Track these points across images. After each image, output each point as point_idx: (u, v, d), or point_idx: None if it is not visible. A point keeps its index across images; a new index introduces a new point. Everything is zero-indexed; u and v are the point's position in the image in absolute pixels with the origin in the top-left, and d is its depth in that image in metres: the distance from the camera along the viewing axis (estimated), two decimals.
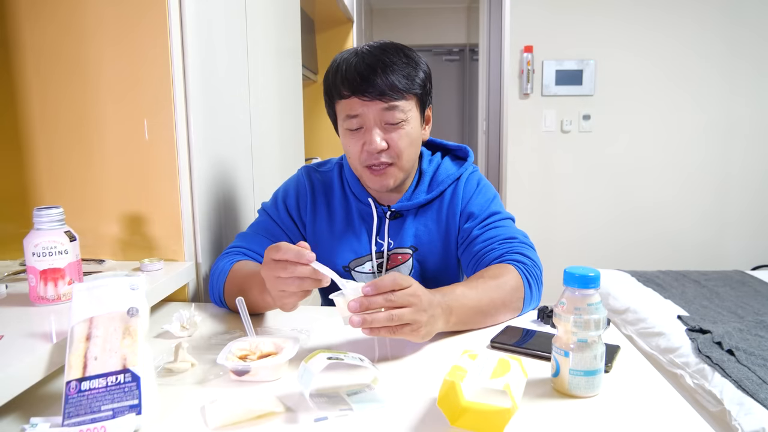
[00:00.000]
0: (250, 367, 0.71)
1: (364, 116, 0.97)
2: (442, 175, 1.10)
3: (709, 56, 3.40)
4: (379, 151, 0.98)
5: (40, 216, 0.80)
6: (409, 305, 0.74)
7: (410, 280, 0.76)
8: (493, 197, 1.11)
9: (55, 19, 1.02)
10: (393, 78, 0.95)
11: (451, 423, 0.61)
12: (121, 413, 0.59)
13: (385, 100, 0.96)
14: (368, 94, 0.95)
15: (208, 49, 1.13)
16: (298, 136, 1.91)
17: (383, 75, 0.95)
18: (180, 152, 1.04)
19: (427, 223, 1.10)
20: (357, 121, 0.98)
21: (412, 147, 1.02)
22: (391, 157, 1.00)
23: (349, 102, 0.98)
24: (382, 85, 0.95)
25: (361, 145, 0.99)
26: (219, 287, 0.99)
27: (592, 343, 0.66)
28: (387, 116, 0.97)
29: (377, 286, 0.73)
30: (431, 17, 5.55)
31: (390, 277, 0.74)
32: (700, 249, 3.55)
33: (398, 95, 0.96)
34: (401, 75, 0.96)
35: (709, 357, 1.70)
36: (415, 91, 0.99)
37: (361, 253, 1.10)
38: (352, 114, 0.98)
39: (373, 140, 0.97)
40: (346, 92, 0.97)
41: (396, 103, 0.97)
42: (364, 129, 0.99)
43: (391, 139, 0.99)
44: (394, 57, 0.97)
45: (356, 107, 0.97)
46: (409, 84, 0.97)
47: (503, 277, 0.93)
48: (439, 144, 1.17)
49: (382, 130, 0.98)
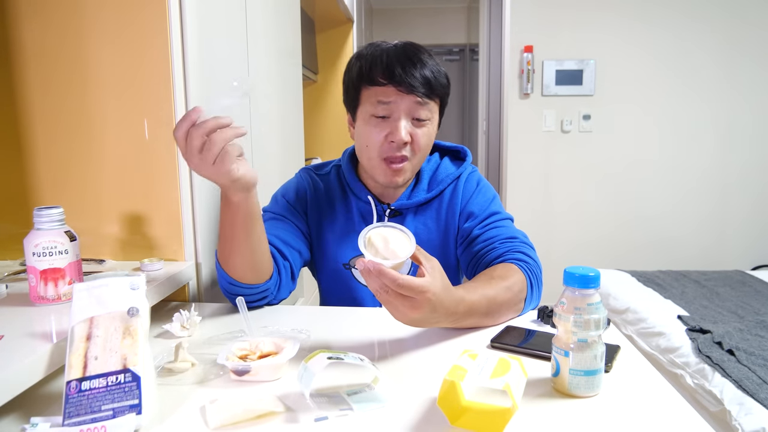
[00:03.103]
0: (251, 367, 0.71)
1: (395, 106, 0.98)
2: (441, 175, 1.11)
3: (710, 56, 3.40)
4: (403, 143, 0.99)
5: (40, 216, 0.80)
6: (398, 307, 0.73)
7: (420, 293, 0.72)
8: (493, 197, 1.11)
9: (55, 18, 1.02)
10: (430, 76, 0.98)
11: (451, 423, 0.61)
12: (122, 413, 0.59)
13: (419, 95, 0.97)
14: (405, 86, 0.97)
15: (208, 48, 1.13)
16: (298, 136, 1.91)
17: (422, 70, 0.98)
18: (180, 152, 1.03)
19: (426, 222, 1.10)
20: (386, 109, 0.98)
21: (428, 148, 1.05)
22: (410, 152, 1.01)
23: (384, 89, 0.98)
24: (421, 79, 0.97)
25: (384, 135, 1.00)
26: (219, 271, 0.95)
27: (592, 343, 0.66)
28: (417, 111, 0.99)
29: (381, 273, 0.70)
30: (431, 17, 5.55)
31: (392, 276, 0.70)
32: (700, 249, 3.55)
33: (431, 94, 0.99)
34: (433, 75, 0.99)
35: (710, 357, 1.70)
36: (440, 95, 1.02)
37: (361, 251, 1.09)
38: (385, 101, 0.98)
39: (399, 131, 0.98)
40: (383, 80, 0.98)
41: (428, 100, 0.99)
42: (391, 119, 0.99)
43: (415, 134, 1.00)
44: (430, 61, 1.00)
45: (390, 95, 0.98)
46: (440, 88, 1.01)
47: (512, 278, 0.93)
48: (437, 144, 1.17)
49: (409, 123, 1.00)
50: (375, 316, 0.97)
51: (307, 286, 1.94)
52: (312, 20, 3.04)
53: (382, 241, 0.75)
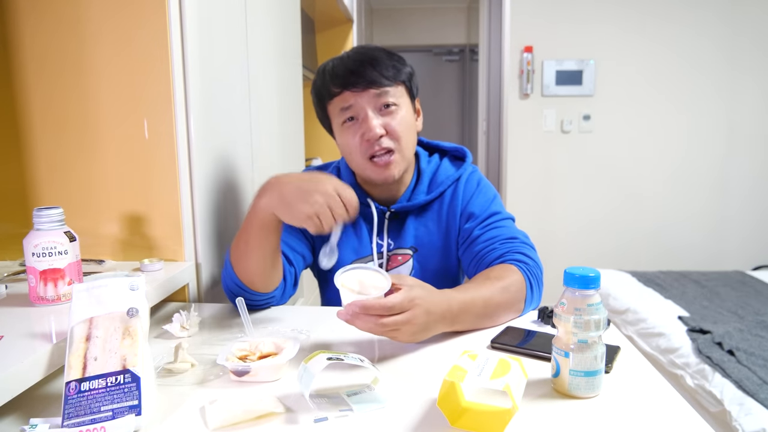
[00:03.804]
0: (250, 367, 0.70)
1: (357, 106, 1.00)
2: (441, 176, 1.11)
3: (710, 56, 3.40)
4: (378, 136, 1.00)
5: (40, 216, 0.80)
6: (399, 327, 0.75)
7: (409, 303, 0.76)
8: (494, 197, 1.11)
9: (55, 19, 1.01)
10: (380, 68, 1.00)
11: (452, 423, 0.61)
12: (121, 414, 0.59)
13: (375, 87, 1.00)
14: (359, 85, 0.99)
15: (208, 49, 1.13)
16: (298, 136, 1.91)
17: (370, 67, 1.00)
18: (180, 152, 1.03)
19: (427, 224, 1.10)
20: (351, 112, 1.01)
21: (409, 132, 1.04)
22: (391, 142, 1.01)
23: (341, 97, 1.01)
24: (370, 74, 1.00)
25: (359, 136, 1.01)
26: (227, 267, 0.97)
27: (593, 344, 0.66)
28: (380, 101, 1.01)
29: (366, 308, 0.73)
30: (431, 17, 5.55)
31: (378, 303, 0.74)
32: (700, 249, 3.55)
33: (387, 82, 1.00)
34: (387, 66, 1.01)
35: (710, 357, 1.70)
36: (402, 79, 1.03)
37: (363, 254, 1.10)
38: (346, 106, 1.01)
39: (371, 126, 0.99)
40: (336, 89, 1.01)
41: (386, 88, 1.00)
42: (360, 120, 1.01)
43: (387, 124, 1.01)
44: (378, 53, 1.03)
45: (349, 99, 1.00)
46: (395, 73, 1.02)
47: (509, 278, 0.93)
48: (436, 146, 1.17)
49: (378, 115, 1.01)
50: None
51: (307, 287, 1.93)
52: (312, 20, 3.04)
53: (358, 284, 0.78)
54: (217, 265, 1.17)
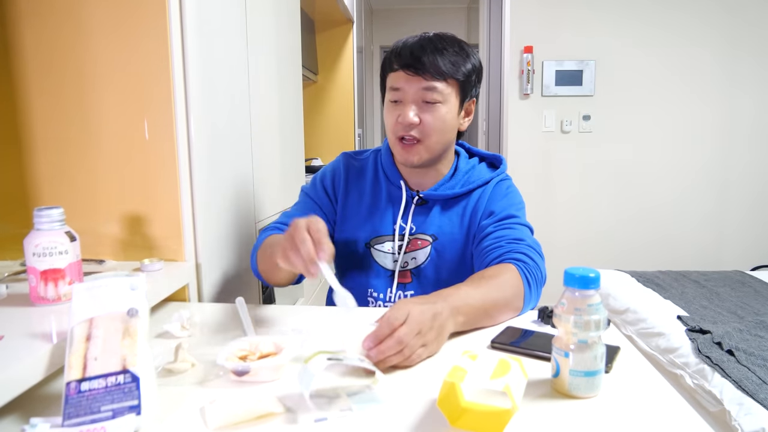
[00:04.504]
0: (250, 367, 0.71)
1: (404, 91, 1.04)
2: (474, 176, 1.16)
3: (711, 57, 3.40)
4: (410, 124, 1.04)
5: (40, 216, 0.80)
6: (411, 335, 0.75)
7: (403, 313, 0.75)
8: (518, 203, 1.14)
9: (55, 19, 1.01)
10: (439, 60, 1.02)
11: (451, 424, 0.61)
12: (121, 414, 0.59)
13: (426, 78, 1.02)
14: (412, 70, 1.02)
15: (208, 49, 1.13)
16: (298, 136, 1.91)
17: (431, 55, 1.02)
18: (180, 152, 1.04)
19: (452, 217, 1.13)
20: (398, 94, 1.05)
21: (444, 130, 1.07)
22: (420, 133, 1.05)
23: (396, 75, 1.05)
24: (427, 64, 1.01)
25: (396, 116, 1.06)
26: (253, 258, 1.08)
27: (593, 344, 0.66)
28: (425, 95, 1.03)
29: (377, 337, 0.73)
30: (431, 17, 5.55)
31: (385, 325, 0.74)
32: (699, 249, 3.55)
33: (440, 77, 1.02)
34: (448, 60, 1.03)
35: (709, 357, 1.70)
36: (457, 77, 1.05)
37: (382, 233, 1.14)
38: (395, 86, 1.05)
39: (406, 114, 1.04)
40: (396, 65, 1.05)
41: (436, 84, 1.02)
42: (402, 103, 1.05)
43: (424, 116, 1.04)
44: (447, 44, 1.04)
45: (400, 81, 1.04)
46: (453, 69, 1.03)
47: (503, 276, 0.94)
48: (477, 152, 1.22)
49: (418, 107, 1.04)
50: (375, 316, 0.97)
51: (308, 286, 1.94)
52: (312, 20, 3.04)
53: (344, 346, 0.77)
54: (218, 265, 1.18)
